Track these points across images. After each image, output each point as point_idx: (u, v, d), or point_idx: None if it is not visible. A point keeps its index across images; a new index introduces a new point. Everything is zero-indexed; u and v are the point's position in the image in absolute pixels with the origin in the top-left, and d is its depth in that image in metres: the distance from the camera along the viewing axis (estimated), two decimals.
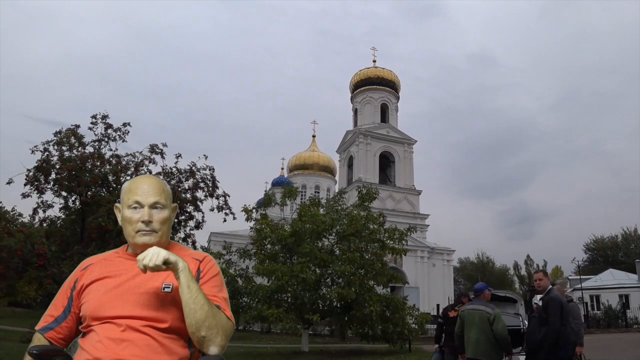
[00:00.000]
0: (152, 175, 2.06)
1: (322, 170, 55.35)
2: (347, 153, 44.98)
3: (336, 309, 16.39)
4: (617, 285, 40.64)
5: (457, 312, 7.64)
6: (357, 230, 16.41)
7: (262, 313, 14.63)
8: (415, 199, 42.35)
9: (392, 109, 45.36)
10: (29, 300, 31.74)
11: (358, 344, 23.66)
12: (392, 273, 17.67)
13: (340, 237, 16.87)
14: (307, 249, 15.42)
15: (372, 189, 17.91)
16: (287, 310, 14.78)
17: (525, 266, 70.52)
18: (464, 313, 6.70)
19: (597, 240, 56.66)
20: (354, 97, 46.46)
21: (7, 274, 11.76)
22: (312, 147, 57.56)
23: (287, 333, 28.76)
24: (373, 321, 15.47)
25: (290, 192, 18.36)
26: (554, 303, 6.07)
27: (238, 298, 16.38)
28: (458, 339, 6.72)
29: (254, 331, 28.31)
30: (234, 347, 20.41)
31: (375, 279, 16.71)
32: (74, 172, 12.04)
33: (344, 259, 15.49)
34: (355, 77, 46.51)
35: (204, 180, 13.64)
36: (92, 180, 12.15)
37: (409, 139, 44.00)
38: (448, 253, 44.15)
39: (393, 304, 16.58)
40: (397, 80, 46.29)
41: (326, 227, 16.67)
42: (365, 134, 42.29)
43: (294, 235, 16.18)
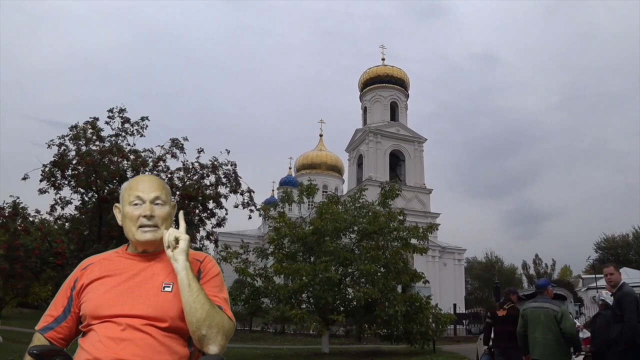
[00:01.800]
0: (151, 174, 1.81)
1: (330, 170, 55.03)
2: (356, 152, 44.51)
3: (357, 308, 15.94)
4: (632, 284, 39.97)
5: (506, 310, 7.29)
6: (381, 227, 15.97)
7: (285, 314, 14.19)
8: (426, 197, 41.88)
9: (401, 107, 44.86)
10: (40, 302, 31.28)
11: (374, 344, 23.25)
12: (414, 272, 17.22)
13: (362, 235, 16.40)
14: (331, 247, 15.01)
15: (395, 187, 17.43)
16: (310, 311, 14.31)
17: (534, 265, 70.18)
18: (527, 311, 6.22)
19: (607, 239, 55.99)
20: (363, 95, 45.93)
21: (24, 274, 11.25)
22: (320, 147, 57.35)
23: (301, 334, 28.38)
24: (397, 321, 15.05)
25: (309, 189, 17.92)
26: (629, 299, 5.64)
27: (257, 298, 15.97)
28: (521, 339, 6.25)
29: (266, 332, 27.85)
30: (249, 348, 19.97)
31: (398, 278, 16.28)
32: (93, 166, 11.58)
33: (367, 258, 15.03)
34: (364, 76, 45.99)
35: (227, 175, 13.15)
36: (112, 175, 11.70)
37: (419, 137, 43.51)
38: (459, 252, 43.72)
39: (417, 303, 16.16)
40: (406, 78, 45.78)
41: (347, 225, 16.26)
42: (375, 132, 41.81)
43: (316, 233, 15.74)
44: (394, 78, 44.66)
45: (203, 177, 12.82)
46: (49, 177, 11.96)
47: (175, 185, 12.27)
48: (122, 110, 13.13)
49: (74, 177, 11.99)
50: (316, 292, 14.70)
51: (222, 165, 13.02)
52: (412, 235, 16.49)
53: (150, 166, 12.51)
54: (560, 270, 67.67)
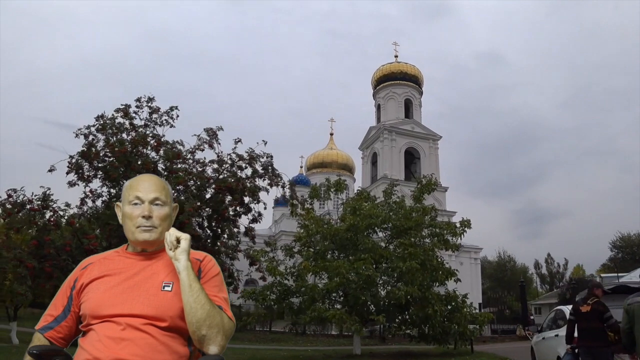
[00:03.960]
0: (153, 174, 1.87)
1: (341, 169, 54.27)
2: (370, 149, 43.82)
3: (391, 308, 15.26)
4: None
5: (591, 306, 6.70)
6: (418, 223, 15.31)
7: (322, 314, 13.53)
8: (441, 195, 41.08)
9: (415, 104, 44.13)
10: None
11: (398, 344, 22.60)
12: (448, 269, 16.54)
13: (398, 231, 15.72)
14: (369, 244, 14.37)
15: (433, 179, 16.72)
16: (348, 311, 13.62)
17: (546, 264, 69.38)
18: (633, 307, 5.56)
19: (623, 237, 55.18)
20: (377, 92, 45.20)
21: (53, 274, 10.38)
22: (330, 145, 56.73)
23: (321, 334, 27.72)
24: (435, 321, 14.40)
25: (338, 185, 17.23)
26: None
27: (288, 298, 15.32)
28: (626, 336, 5.63)
29: (286, 333, 27.24)
30: (274, 350, 19.30)
31: (435, 276, 15.62)
32: (125, 157, 10.84)
33: (406, 255, 14.35)
34: (377, 73, 45.27)
35: (265, 167, 12.39)
36: (145, 166, 10.95)
37: (434, 135, 42.78)
38: (475, 251, 43.03)
39: (454, 302, 15.50)
40: (420, 75, 45.06)
41: (381, 221, 15.61)
42: (390, 130, 41.09)
43: (350, 230, 15.07)
44: (407, 75, 43.95)
45: (242, 169, 12.06)
46: (77, 169, 11.26)
47: (209, 177, 11.59)
48: (151, 100, 12.43)
49: (103, 168, 11.27)
50: (352, 290, 14.05)
51: (260, 157, 12.25)
52: (449, 231, 15.83)
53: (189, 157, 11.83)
54: (573, 269, 66.80)
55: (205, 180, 11.49)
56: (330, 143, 57.12)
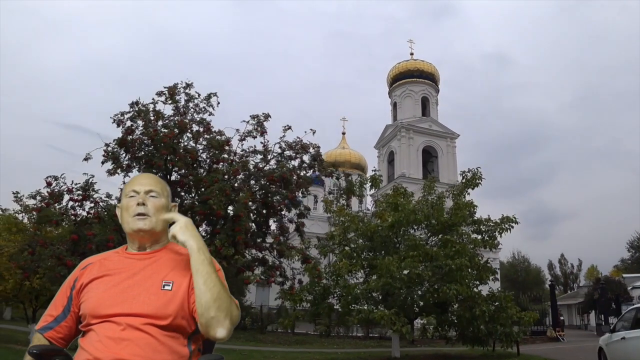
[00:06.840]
0: (150, 174, 1.82)
1: (354, 168, 53.52)
2: (386, 148, 43.06)
3: (432, 308, 14.50)
4: None
5: None
6: (464, 219, 14.58)
7: (370, 315, 12.78)
8: None
9: (432, 102, 43.34)
10: None
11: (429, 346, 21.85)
12: (490, 267, 15.78)
13: (442, 228, 14.96)
14: (412, 241, 13.67)
15: (478, 173, 15.94)
16: (397, 312, 12.84)
17: (560, 265, 68.59)
18: None
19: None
20: (392, 90, 44.39)
21: None
22: (342, 145, 56.20)
23: (347, 336, 26.91)
24: (480, 321, 13.63)
25: (374, 180, 16.44)
26: None
27: (327, 298, 14.55)
28: None
29: (309, 335, 26.42)
30: (300, 352, 18.56)
31: (480, 275, 14.88)
32: (171, 145, 9.95)
33: (452, 252, 13.59)
34: (393, 71, 44.49)
35: (315, 158, 11.48)
36: (190, 155, 10.16)
37: (452, 133, 41.98)
38: (493, 251, 42.11)
39: (498, 302, 14.73)
40: (436, 72, 44.29)
41: (424, 217, 14.87)
42: (408, 128, 40.32)
43: (394, 227, 14.32)
44: (424, 72, 43.19)
45: (292, 159, 11.23)
46: (114, 158, 10.47)
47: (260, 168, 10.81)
48: (189, 86, 11.62)
49: (145, 156, 10.43)
50: (397, 290, 13.29)
51: (308, 147, 11.39)
52: (498, 228, 15.10)
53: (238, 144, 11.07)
54: (587, 270, 65.90)
55: (256, 170, 10.69)
56: (343, 142, 56.61)
